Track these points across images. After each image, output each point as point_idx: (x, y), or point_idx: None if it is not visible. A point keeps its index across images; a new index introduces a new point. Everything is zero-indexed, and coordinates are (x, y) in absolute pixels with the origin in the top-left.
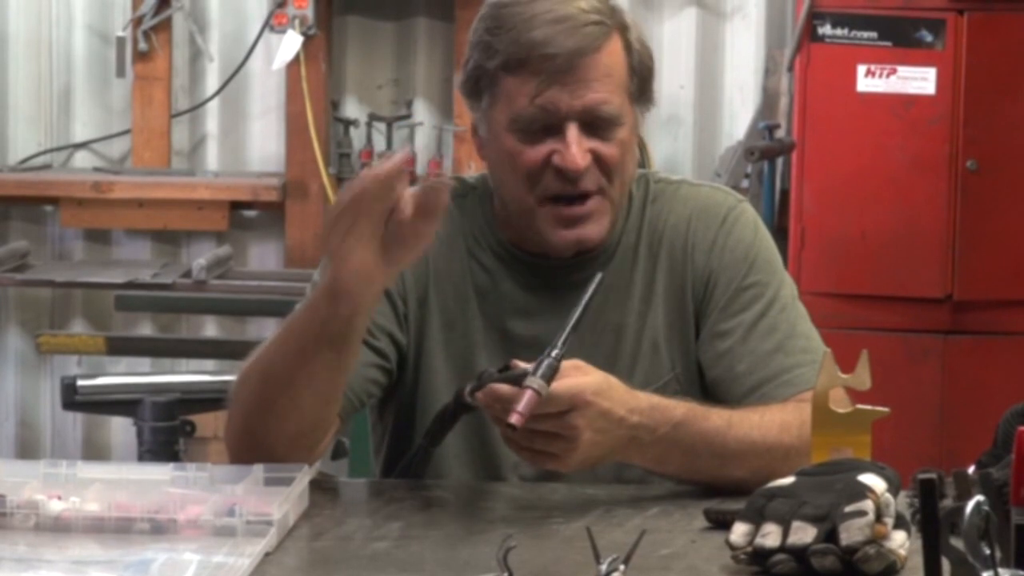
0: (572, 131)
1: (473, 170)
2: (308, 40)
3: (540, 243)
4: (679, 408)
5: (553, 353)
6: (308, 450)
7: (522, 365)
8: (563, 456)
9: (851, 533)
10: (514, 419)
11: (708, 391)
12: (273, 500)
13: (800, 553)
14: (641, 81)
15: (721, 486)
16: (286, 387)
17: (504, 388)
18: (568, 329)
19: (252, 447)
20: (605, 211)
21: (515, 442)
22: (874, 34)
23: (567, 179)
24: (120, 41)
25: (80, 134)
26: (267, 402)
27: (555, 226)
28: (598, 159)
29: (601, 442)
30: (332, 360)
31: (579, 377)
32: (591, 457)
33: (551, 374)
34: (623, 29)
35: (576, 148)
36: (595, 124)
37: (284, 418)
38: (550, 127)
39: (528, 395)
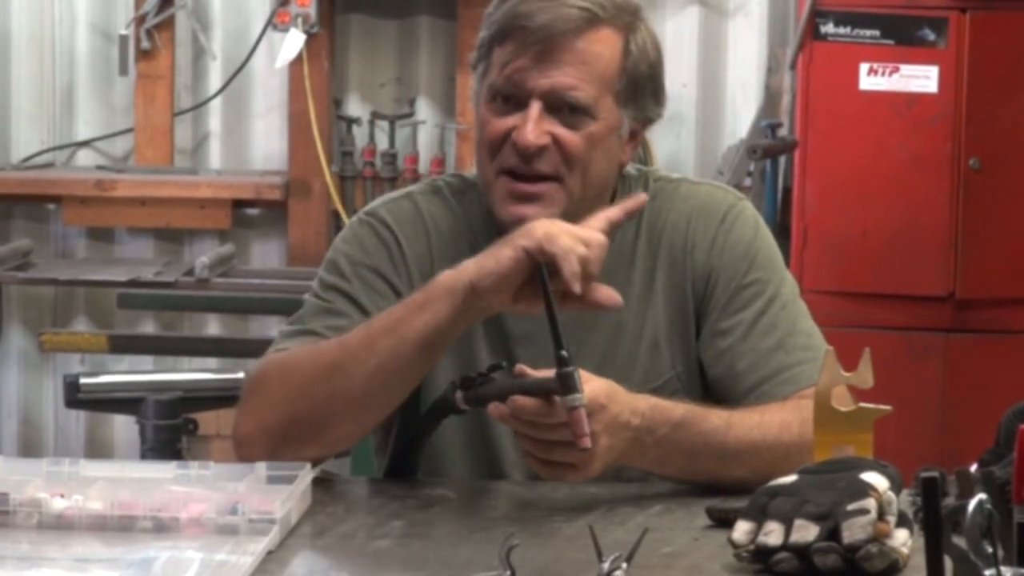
0: (533, 108)
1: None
2: (311, 38)
3: (504, 225)
4: (678, 409)
5: (563, 353)
6: (338, 451)
7: (528, 370)
8: (582, 465)
9: (853, 531)
10: (587, 443)
11: (709, 390)
12: (276, 498)
13: (802, 551)
14: (633, 86)
15: (723, 486)
16: (357, 390)
17: (529, 403)
18: (559, 329)
19: (287, 445)
20: (558, 199)
21: (534, 456)
22: (876, 32)
23: (521, 155)
24: (123, 39)
25: (83, 132)
26: (329, 400)
27: (504, 199)
28: (559, 143)
29: (614, 446)
30: (420, 367)
31: (588, 384)
32: (606, 463)
33: (576, 381)
34: (626, 29)
35: (532, 126)
36: (561, 109)
37: (343, 420)
38: (518, 101)
39: (581, 414)
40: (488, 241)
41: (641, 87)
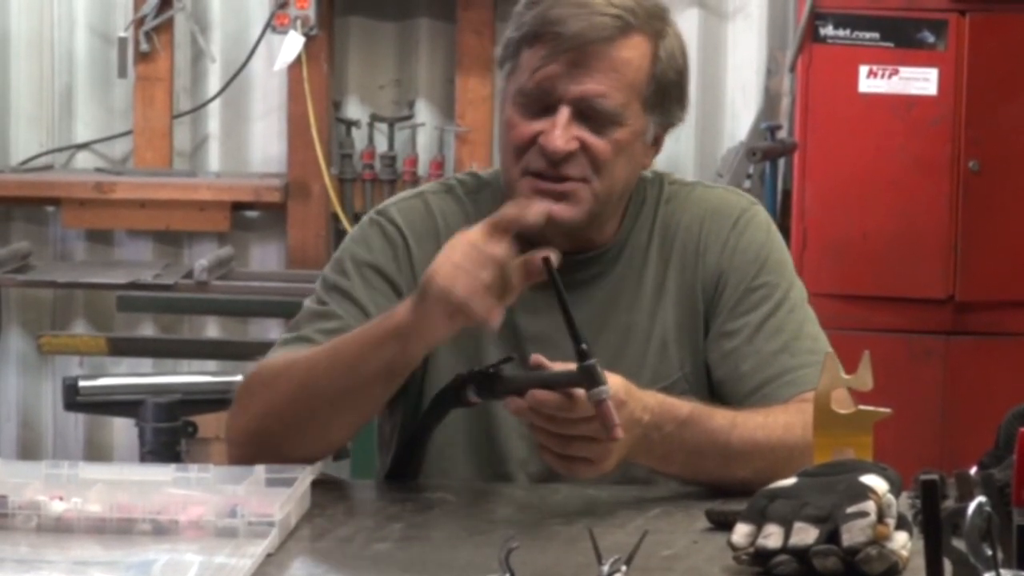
0: (562, 114)
1: (476, 170)
2: (310, 41)
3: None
4: (684, 407)
5: (583, 347)
6: (317, 461)
7: (546, 362)
8: (598, 460)
9: (853, 534)
10: (620, 433)
11: (715, 391)
12: (275, 501)
13: (802, 554)
14: (660, 92)
15: (725, 486)
16: (321, 411)
17: (550, 397)
18: (575, 324)
19: (264, 451)
20: (585, 199)
21: (550, 451)
22: (876, 35)
23: (549, 160)
24: (122, 42)
25: (82, 135)
26: (296, 417)
27: (530, 197)
28: (586, 149)
29: (627, 442)
30: (379, 394)
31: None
32: (619, 458)
33: (599, 374)
34: (655, 36)
35: (560, 131)
36: (589, 115)
37: (311, 436)
38: (547, 106)
39: (609, 406)
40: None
41: (668, 93)
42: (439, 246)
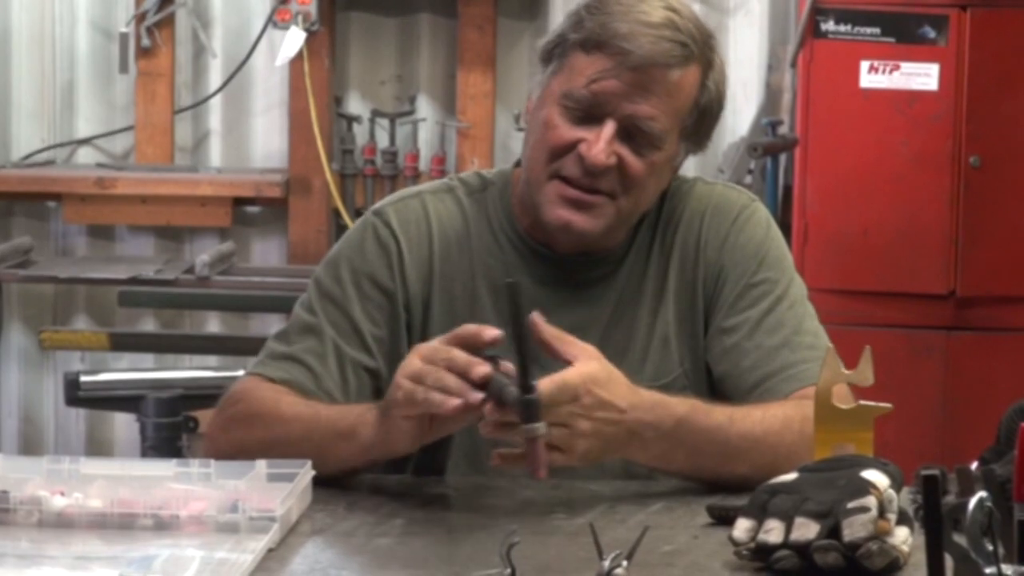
0: (608, 128)
1: (476, 166)
2: (311, 36)
3: (545, 227)
4: (682, 405)
5: (530, 383)
6: None
7: (543, 326)
8: (566, 445)
9: (854, 529)
10: (543, 474)
11: (715, 387)
12: (276, 496)
13: (803, 549)
14: (699, 121)
15: (724, 482)
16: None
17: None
18: (527, 354)
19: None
20: (608, 214)
21: (509, 458)
22: (877, 30)
23: (585, 170)
24: (123, 37)
25: (83, 130)
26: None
27: (554, 201)
28: (622, 166)
29: (598, 431)
30: (356, 455)
31: (586, 364)
32: (592, 449)
33: (538, 410)
34: (707, 66)
35: (604, 145)
36: (633, 134)
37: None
38: (593, 116)
39: (540, 445)
40: (508, 238)
41: (705, 124)
42: (431, 252)
